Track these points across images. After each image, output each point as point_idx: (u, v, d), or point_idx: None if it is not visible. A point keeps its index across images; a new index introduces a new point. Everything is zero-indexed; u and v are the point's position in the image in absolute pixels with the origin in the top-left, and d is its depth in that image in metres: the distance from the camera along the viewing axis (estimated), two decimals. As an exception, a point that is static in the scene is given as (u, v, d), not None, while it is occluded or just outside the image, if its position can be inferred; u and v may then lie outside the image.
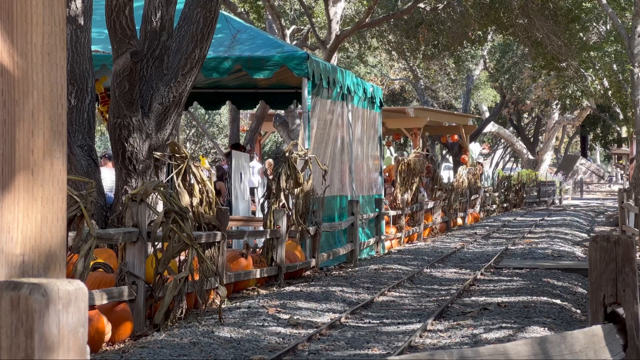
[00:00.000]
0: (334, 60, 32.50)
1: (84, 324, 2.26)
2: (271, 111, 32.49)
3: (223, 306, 12.79)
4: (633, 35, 33.68)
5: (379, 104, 24.63)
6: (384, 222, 24.00)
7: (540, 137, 68.94)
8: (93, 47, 15.27)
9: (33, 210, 2.61)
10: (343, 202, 21.22)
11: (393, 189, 27.16)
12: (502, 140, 71.88)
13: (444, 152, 68.89)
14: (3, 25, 2.60)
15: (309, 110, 18.37)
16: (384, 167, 29.41)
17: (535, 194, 52.11)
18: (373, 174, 24.37)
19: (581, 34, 38.67)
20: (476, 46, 41.38)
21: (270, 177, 17.80)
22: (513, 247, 23.90)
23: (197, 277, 12.44)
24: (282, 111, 31.96)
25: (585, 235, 29.27)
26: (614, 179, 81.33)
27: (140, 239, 11.51)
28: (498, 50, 56.18)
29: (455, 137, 43.92)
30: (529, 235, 28.09)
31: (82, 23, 14.53)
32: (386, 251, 23.64)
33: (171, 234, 11.91)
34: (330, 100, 20.27)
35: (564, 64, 36.12)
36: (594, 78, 41.68)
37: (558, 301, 14.19)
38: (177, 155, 13.87)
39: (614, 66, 40.45)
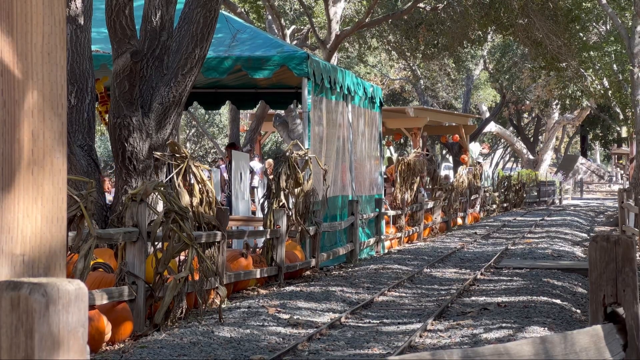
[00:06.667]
0: (334, 60, 32.51)
1: (84, 324, 2.26)
2: (271, 111, 32.50)
3: (223, 306, 12.79)
4: (633, 35, 33.69)
5: (379, 104, 24.64)
6: (384, 222, 24.00)
7: (540, 137, 68.95)
8: (93, 47, 15.27)
9: (33, 210, 2.61)
10: (344, 202, 21.23)
11: (393, 189, 27.16)
12: (502, 140, 71.89)
13: (444, 152, 68.90)
14: (3, 25, 2.60)
15: (309, 110, 18.37)
16: (384, 167, 29.40)
17: (535, 193, 52.10)
18: (373, 173, 24.38)
19: (581, 34, 38.67)
20: (476, 46, 41.37)
21: (270, 177, 17.80)
22: (513, 247, 23.90)
23: (197, 277, 12.44)
24: (282, 111, 31.97)
25: (585, 235, 29.26)
26: (614, 178, 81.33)
27: (140, 238, 11.51)
28: (498, 50, 56.18)
29: (457, 137, 43.92)
30: (529, 235, 28.08)
31: (82, 23, 14.53)
32: (386, 251, 23.64)
33: (171, 234, 11.91)
34: (333, 99, 20.29)
35: (564, 64, 36.12)
36: (593, 78, 41.69)
37: (558, 301, 14.19)
38: (177, 155, 13.87)
39: (614, 66, 40.45)
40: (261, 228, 17.16)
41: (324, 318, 12.78)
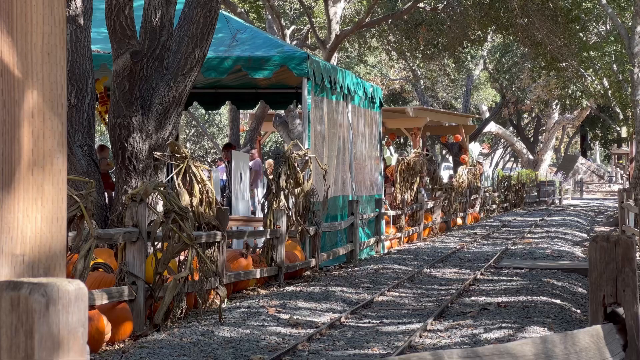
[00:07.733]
0: (334, 60, 32.51)
1: (84, 324, 2.26)
2: (271, 111, 32.50)
3: (223, 306, 12.79)
4: (633, 35, 33.68)
5: (379, 104, 24.64)
6: (383, 222, 24.00)
7: (540, 137, 68.94)
8: (93, 47, 15.27)
9: (33, 210, 2.61)
10: (345, 202, 21.23)
11: (393, 189, 27.16)
12: (502, 140, 71.89)
13: (444, 152, 68.90)
14: (3, 25, 2.60)
15: (308, 110, 18.38)
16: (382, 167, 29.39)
17: (535, 193, 52.09)
18: (373, 173, 24.38)
19: (581, 34, 38.67)
20: (476, 46, 41.36)
21: (270, 177, 17.80)
22: (513, 247, 23.90)
23: (197, 277, 12.44)
24: (282, 111, 31.97)
25: (585, 235, 29.26)
26: (614, 179, 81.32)
27: (140, 239, 11.51)
28: (498, 50, 56.17)
29: (459, 137, 43.89)
30: (528, 235, 28.08)
31: (82, 23, 14.53)
32: (386, 251, 23.64)
33: (171, 234, 11.91)
34: (333, 99, 20.30)
35: (564, 64, 36.11)
36: (593, 78, 41.69)
37: (558, 301, 14.19)
38: (177, 155, 13.87)
39: (614, 66, 40.44)
40: (261, 228, 17.16)
41: (324, 318, 12.78)
